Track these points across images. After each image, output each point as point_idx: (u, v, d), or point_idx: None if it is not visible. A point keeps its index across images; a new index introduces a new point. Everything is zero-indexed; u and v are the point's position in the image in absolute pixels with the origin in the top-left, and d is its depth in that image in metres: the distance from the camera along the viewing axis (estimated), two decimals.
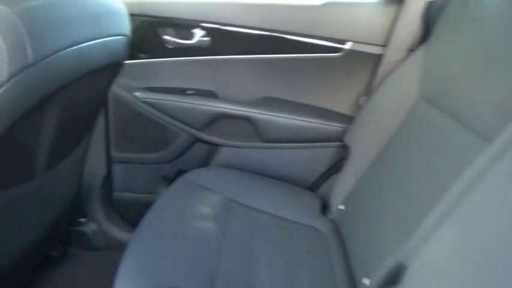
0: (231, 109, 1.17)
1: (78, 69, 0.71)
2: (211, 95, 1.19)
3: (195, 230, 0.90)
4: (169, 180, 1.32)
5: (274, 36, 1.13)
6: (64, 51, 0.65)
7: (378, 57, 1.08)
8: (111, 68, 0.89)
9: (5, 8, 0.55)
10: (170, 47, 1.15)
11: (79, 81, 0.74)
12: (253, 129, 1.20)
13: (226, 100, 1.18)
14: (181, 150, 1.26)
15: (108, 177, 1.31)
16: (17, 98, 0.60)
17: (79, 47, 0.68)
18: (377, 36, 1.07)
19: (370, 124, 1.01)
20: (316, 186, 1.24)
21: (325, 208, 1.13)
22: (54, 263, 1.28)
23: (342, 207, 1.01)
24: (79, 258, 1.32)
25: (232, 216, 0.98)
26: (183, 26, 1.13)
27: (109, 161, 1.28)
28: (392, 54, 1.04)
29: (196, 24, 1.12)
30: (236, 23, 1.13)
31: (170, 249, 0.83)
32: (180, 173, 1.31)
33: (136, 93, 1.17)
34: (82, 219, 1.33)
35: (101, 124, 1.21)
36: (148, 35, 1.13)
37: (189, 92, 1.19)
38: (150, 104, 1.18)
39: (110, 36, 0.79)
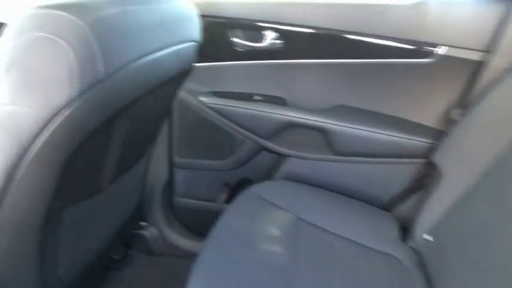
0: (301, 118, 1.07)
1: (151, 80, 0.65)
2: (280, 101, 1.10)
3: (262, 254, 0.82)
4: (231, 187, 1.26)
5: (353, 38, 1.01)
6: (136, 62, 0.59)
7: (478, 65, 0.93)
8: (180, 75, 0.83)
9: (76, 19, 0.50)
10: (239, 50, 1.07)
11: (149, 92, 0.68)
12: (325, 141, 1.10)
13: (297, 108, 1.09)
14: (245, 159, 1.19)
15: (170, 182, 1.27)
16: (87, 115, 0.55)
17: (152, 57, 0.62)
18: (478, 41, 0.92)
19: (468, 143, 0.87)
20: (391, 205, 1.12)
21: (403, 232, 1.01)
22: (114, 265, 1.27)
23: (428, 237, 0.88)
24: (138, 262, 1.31)
25: (302, 237, 0.89)
26: (254, 28, 1.05)
27: (171, 166, 1.24)
28: (498, 62, 0.89)
29: (268, 25, 1.04)
30: (311, 24, 1.03)
31: (237, 273, 0.77)
32: (242, 181, 1.25)
33: (202, 98, 1.11)
34: (143, 223, 1.31)
35: (165, 128, 1.17)
36: (217, 37, 1.06)
37: (256, 98, 1.11)
38: (216, 110, 1.11)
39: (181, 43, 0.72)
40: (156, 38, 0.63)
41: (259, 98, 1.11)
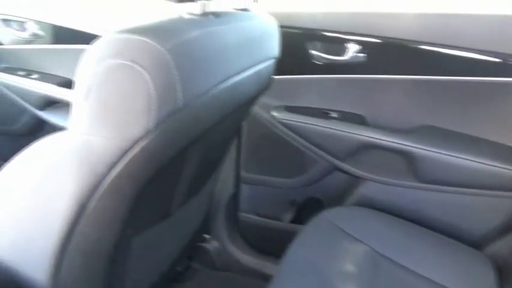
0: (382, 140, 0.97)
1: (229, 105, 0.60)
2: (359, 120, 1.01)
3: None
4: (298, 206, 1.19)
5: (445, 53, 0.89)
6: (216, 87, 0.54)
7: None
8: (258, 94, 0.78)
9: (156, 44, 0.45)
10: (317, 62, 0.99)
11: (226, 116, 0.64)
12: (408, 165, 0.99)
13: (377, 127, 0.99)
14: (315, 178, 1.12)
15: (235, 196, 1.23)
16: (163, 145, 0.51)
17: (232, 81, 0.57)
18: None
19: None
20: (484, 243, 0.97)
21: (499, 277, 0.87)
22: (177, 277, 1.25)
23: None
24: (201, 275, 1.28)
25: (381, 276, 0.80)
26: (334, 40, 0.97)
27: (237, 180, 1.20)
28: None
29: (350, 37, 0.95)
30: (398, 36, 0.93)
31: None
32: (310, 201, 1.17)
33: (274, 113, 1.05)
34: (206, 236, 1.28)
35: (233, 142, 1.13)
36: (293, 48, 1.00)
37: (333, 115, 1.03)
38: (288, 126, 1.05)
39: (263, 62, 0.66)
40: (239, 60, 0.57)
41: (335, 115, 1.02)
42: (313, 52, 0.99)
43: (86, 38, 1.17)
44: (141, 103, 0.46)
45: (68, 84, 1.25)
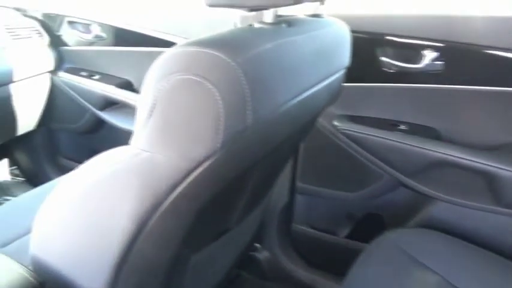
0: (459, 157, 0.87)
1: (299, 120, 0.55)
2: (432, 134, 0.92)
3: None
4: (356, 221, 1.12)
5: None
6: (287, 104, 0.49)
7: None
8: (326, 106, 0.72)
9: (227, 58, 0.41)
10: (387, 70, 0.91)
11: (294, 132, 0.58)
12: (487, 186, 0.88)
13: (453, 143, 0.89)
14: (377, 193, 1.04)
15: (289, 207, 1.18)
16: (229, 165, 0.47)
17: (304, 96, 0.52)
18: None
19: None
20: None
21: None
22: (226, 286, 1.23)
23: None
24: (250, 285, 1.25)
25: None
26: (408, 46, 0.88)
27: (292, 190, 1.15)
28: None
29: (426, 43, 0.86)
30: (482, 42, 0.83)
31: None
32: (370, 217, 1.10)
33: (336, 123, 0.99)
34: (257, 245, 1.25)
35: None
36: (362, 54, 0.92)
37: (402, 127, 0.94)
38: (351, 137, 0.98)
39: (335, 73, 0.60)
40: (313, 72, 0.52)
41: (404, 127, 0.94)
42: (383, 58, 0.91)
43: (146, 41, 1.18)
44: (209, 122, 0.42)
45: (127, 85, 1.27)
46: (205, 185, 0.48)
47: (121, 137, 1.35)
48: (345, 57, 0.64)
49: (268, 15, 0.50)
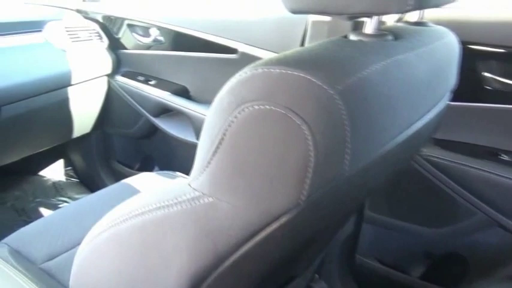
0: None
1: (397, 162, 0.43)
2: None
3: None
4: (435, 262, 0.96)
5: None
6: (389, 144, 0.37)
7: None
8: None
9: (323, 84, 0.30)
10: (490, 88, 0.76)
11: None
12: None
13: None
14: (464, 232, 0.88)
15: (355, 236, 1.05)
16: (309, 221, 0.36)
17: (410, 131, 0.39)
18: None
19: None
20: None
21: None
22: None
23: None
24: None
25: None
26: None
27: (360, 218, 1.01)
28: None
29: None
30: None
31: None
32: (452, 258, 0.94)
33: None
34: (315, 275, 1.12)
35: None
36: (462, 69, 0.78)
37: (503, 157, 0.78)
38: (437, 165, 0.83)
39: (442, 98, 0.47)
40: (425, 99, 0.39)
41: (507, 157, 0.78)
42: (487, 75, 0.75)
43: (205, 45, 1.10)
44: (294, 167, 0.31)
45: (183, 91, 1.20)
46: (277, 244, 0.37)
47: (174, 145, 1.28)
48: (453, 76, 0.51)
49: (370, 25, 0.38)
